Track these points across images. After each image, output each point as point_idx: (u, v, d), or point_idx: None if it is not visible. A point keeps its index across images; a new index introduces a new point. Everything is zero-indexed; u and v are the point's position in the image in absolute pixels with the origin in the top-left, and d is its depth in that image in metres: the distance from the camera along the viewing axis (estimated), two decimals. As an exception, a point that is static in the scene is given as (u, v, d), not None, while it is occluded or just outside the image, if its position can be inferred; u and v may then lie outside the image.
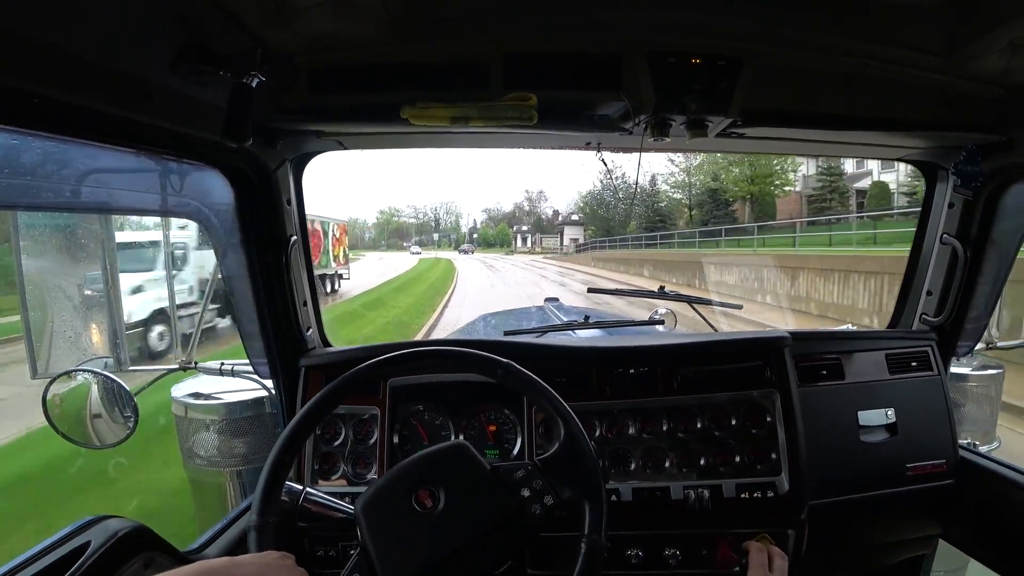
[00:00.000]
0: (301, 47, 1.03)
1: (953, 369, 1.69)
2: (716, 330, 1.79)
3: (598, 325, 1.77)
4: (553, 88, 1.08)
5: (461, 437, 1.34)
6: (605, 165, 1.35)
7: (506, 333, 1.69)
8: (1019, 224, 1.39)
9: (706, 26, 1.04)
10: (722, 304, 2.09)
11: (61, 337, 1.57)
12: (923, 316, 1.55)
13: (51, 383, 1.38)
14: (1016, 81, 1.11)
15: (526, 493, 0.85)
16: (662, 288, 1.77)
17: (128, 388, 1.41)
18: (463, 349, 0.97)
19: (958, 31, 1.00)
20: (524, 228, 32.18)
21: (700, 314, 1.79)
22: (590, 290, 1.99)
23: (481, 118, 1.05)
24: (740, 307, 2.09)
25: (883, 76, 1.14)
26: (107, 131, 0.85)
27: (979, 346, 1.63)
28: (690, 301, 1.78)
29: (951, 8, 0.95)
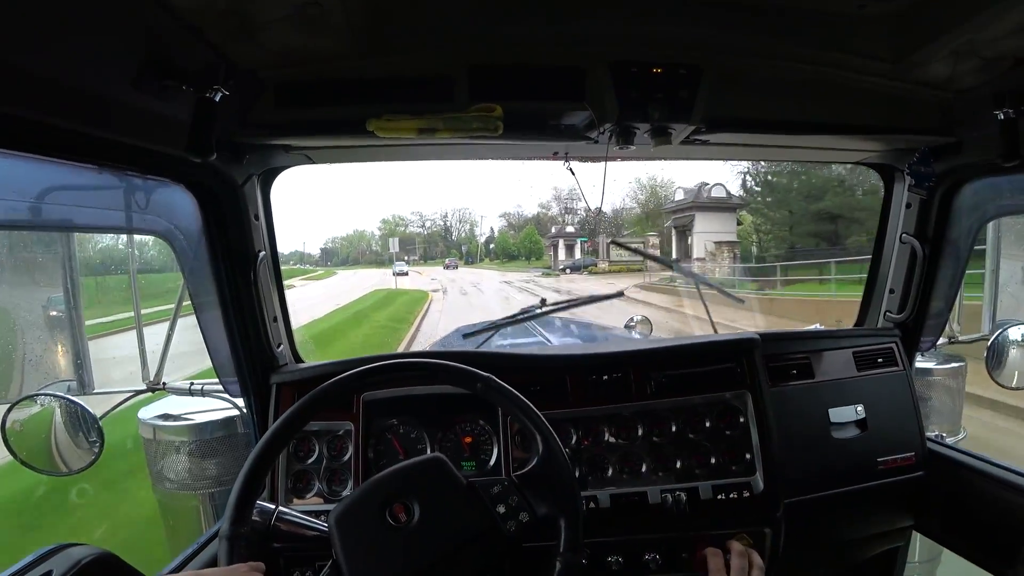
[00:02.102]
0: (266, 61, 1.03)
1: (918, 364, 1.74)
2: (714, 330, 1.79)
3: (554, 310, 1.73)
4: (518, 99, 1.09)
5: (437, 449, 1.33)
6: (573, 174, 1.37)
7: (465, 336, 1.67)
8: (973, 222, 1.44)
9: (666, 36, 1.06)
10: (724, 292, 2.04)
11: (21, 360, 1.52)
12: (887, 313, 1.60)
13: (11, 409, 1.33)
14: (962, 86, 1.16)
15: (501, 510, 0.84)
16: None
17: (92, 412, 1.37)
18: (442, 362, 0.96)
19: (904, 40, 1.04)
20: (569, 230, 22.77)
21: (705, 309, 1.77)
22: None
23: (447, 129, 1.06)
24: (743, 302, 2.02)
25: (838, 83, 1.18)
26: (68, 148, 0.83)
27: (941, 340, 1.69)
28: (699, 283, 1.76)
29: (896, 18, 0.99)
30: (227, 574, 0.71)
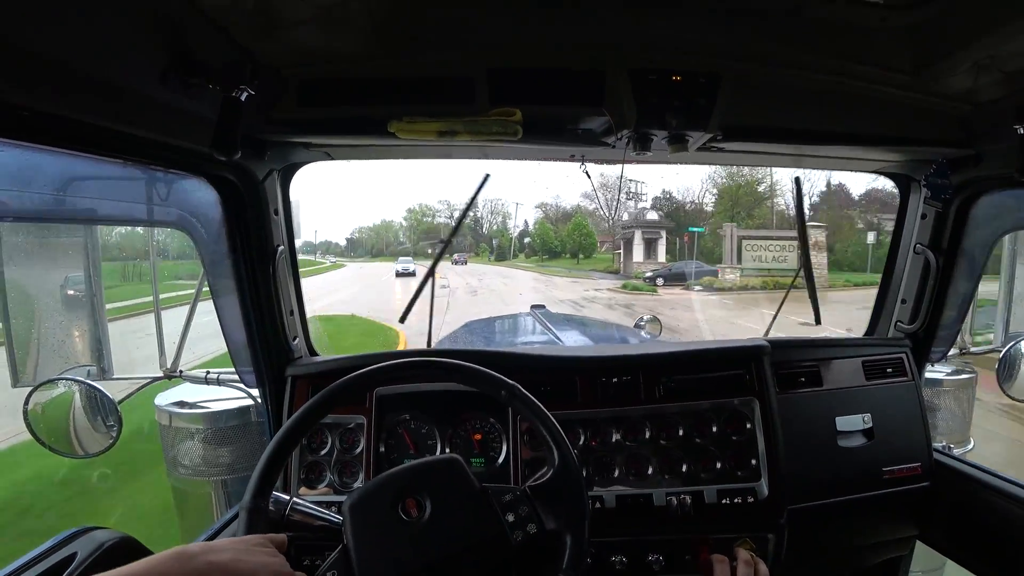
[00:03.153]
0: (290, 60, 1.04)
1: (928, 374, 1.74)
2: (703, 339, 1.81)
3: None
4: (537, 103, 1.10)
5: (447, 446, 1.35)
6: (589, 177, 1.38)
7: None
8: (988, 234, 1.44)
9: (686, 44, 1.06)
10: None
11: (44, 345, 1.56)
12: (898, 323, 1.60)
13: (33, 392, 1.37)
14: (982, 98, 1.16)
15: (511, 518, 0.85)
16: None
17: (111, 396, 1.40)
18: (469, 365, 0.97)
19: (926, 51, 1.04)
20: (651, 216, 17.53)
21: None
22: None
23: (467, 132, 1.07)
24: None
25: (857, 93, 1.18)
26: (96, 142, 0.85)
27: (952, 351, 1.68)
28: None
29: (918, 30, 0.99)
30: (234, 545, 0.71)
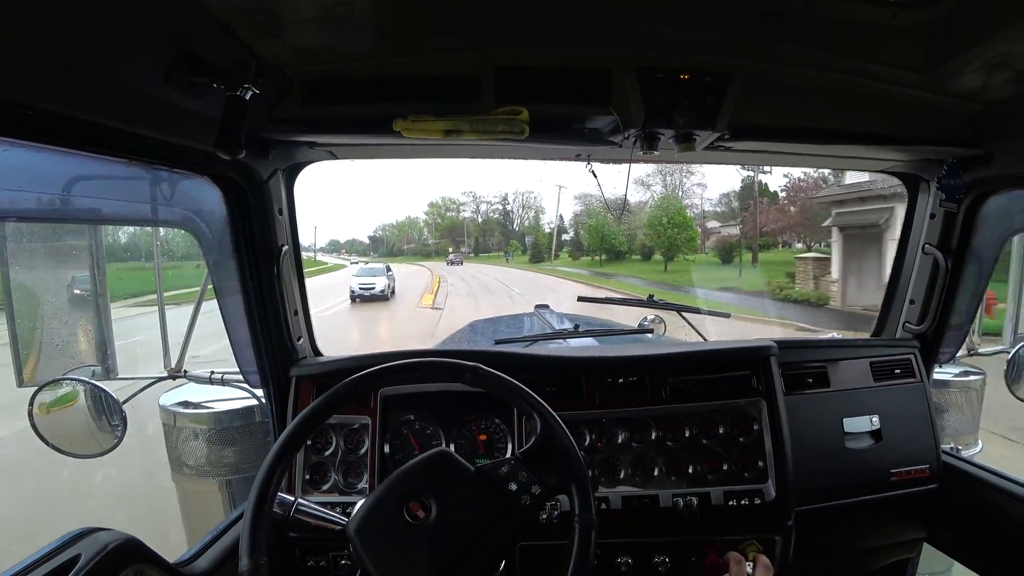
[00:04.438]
0: (294, 59, 1.04)
1: (936, 376, 1.72)
2: (705, 338, 1.81)
3: (588, 334, 1.78)
4: (544, 102, 1.09)
5: (452, 447, 1.34)
6: (595, 177, 1.37)
7: (497, 342, 1.69)
8: (998, 234, 1.42)
9: (694, 42, 1.06)
10: (710, 312, 2.12)
11: (49, 345, 1.56)
12: (906, 324, 1.59)
13: (38, 392, 1.37)
14: (993, 98, 1.14)
15: (513, 487, 0.86)
16: (651, 297, 1.79)
17: (116, 396, 1.40)
18: (428, 360, 0.99)
19: (937, 50, 1.03)
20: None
21: (689, 322, 1.81)
22: (580, 298, 2.02)
23: (473, 131, 1.07)
24: (728, 315, 2.12)
25: (866, 92, 1.17)
26: (99, 141, 0.85)
27: (961, 352, 1.67)
28: (679, 310, 1.80)
29: (929, 29, 0.98)
30: None
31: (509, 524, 0.85)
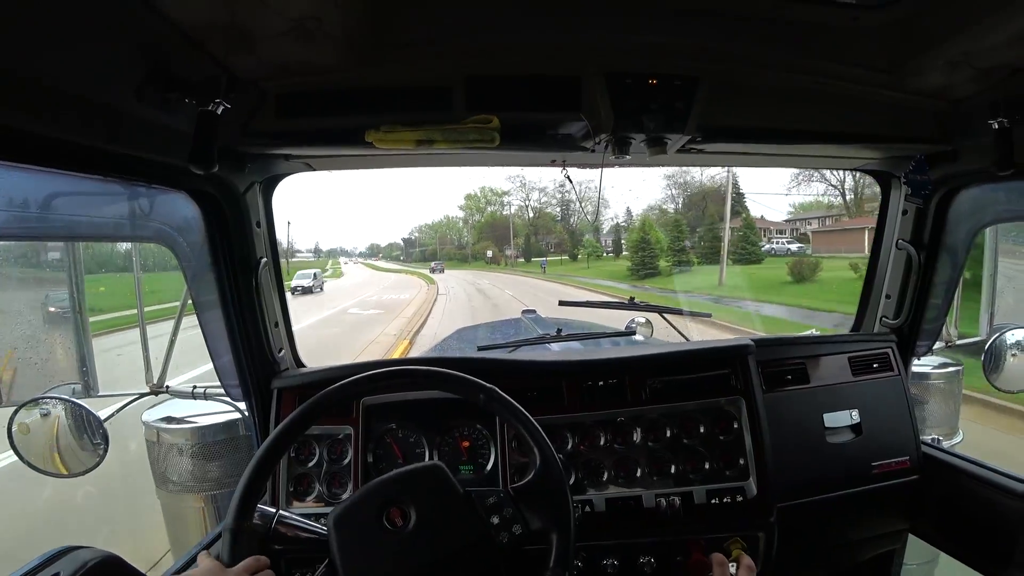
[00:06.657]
0: (266, 73, 1.04)
1: (915, 368, 1.75)
2: (687, 339, 1.82)
3: (571, 338, 1.79)
4: (515, 109, 1.11)
5: (436, 454, 1.34)
6: (571, 182, 1.38)
7: (480, 348, 1.70)
8: (968, 228, 1.45)
9: (662, 48, 1.07)
10: (692, 313, 2.13)
11: (26, 364, 1.54)
12: (883, 319, 1.61)
13: (17, 411, 1.35)
14: (957, 95, 1.17)
15: (495, 520, 0.86)
16: (632, 299, 1.80)
17: (97, 414, 1.39)
18: (448, 371, 0.97)
19: (899, 50, 1.05)
20: None
21: (671, 323, 1.82)
22: (561, 303, 2.02)
23: (445, 141, 1.08)
24: (709, 315, 2.14)
25: (834, 92, 1.19)
26: (73, 159, 0.85)
27: (938, 345, 1.69)
28: (660, 311, 1.82)
29: (890, 29, 1.00)
30: (224, 572, 0.71)
31: (480, 556, 0.83)
